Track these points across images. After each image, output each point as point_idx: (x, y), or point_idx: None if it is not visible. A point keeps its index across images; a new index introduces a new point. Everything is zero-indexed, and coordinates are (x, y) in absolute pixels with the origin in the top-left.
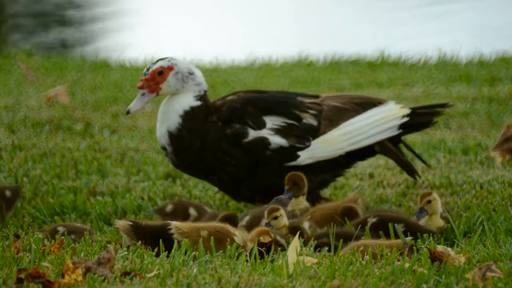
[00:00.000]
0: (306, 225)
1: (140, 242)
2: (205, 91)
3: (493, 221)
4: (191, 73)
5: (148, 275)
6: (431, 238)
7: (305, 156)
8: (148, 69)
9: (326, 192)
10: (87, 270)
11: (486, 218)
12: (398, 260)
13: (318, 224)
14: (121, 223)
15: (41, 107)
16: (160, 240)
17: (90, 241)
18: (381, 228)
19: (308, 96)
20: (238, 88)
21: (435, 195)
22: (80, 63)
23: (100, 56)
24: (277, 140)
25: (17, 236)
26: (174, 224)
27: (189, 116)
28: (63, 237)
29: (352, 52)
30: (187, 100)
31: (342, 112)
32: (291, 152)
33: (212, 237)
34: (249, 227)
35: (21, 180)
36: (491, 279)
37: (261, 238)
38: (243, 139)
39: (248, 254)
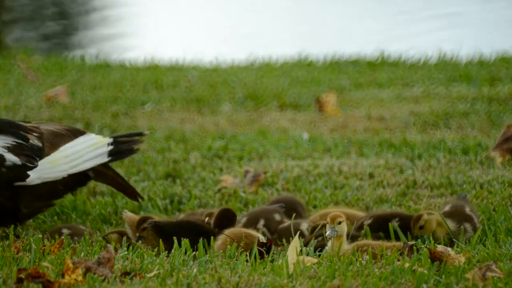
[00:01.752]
0: (304, 225)
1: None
2: None
3: (493, 221)
4: None
5: (148, 275)
6: (431, 237)
7: (35, 176)
8: None
9: (326, 191)
10: (87, 270)
11: (486, 218)
12: (398, 260)
13: None
14: (128, 214)
15: (41, 107)
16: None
17: (90, 241)
18: (379, 226)
19: (22, 122)
20: (238, 88)
21: (425, 216)
22: (80, 63)
23: (100, 56)
24: (11, 158)
25: (17, 236)
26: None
27: None
28: (63, 237)
29: (352, 52)
30: None
31: (59, 136)
32: (23, 171)
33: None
34: (247, 227)
35: None
36: (491, 279)
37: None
38: None
39: (248, 254)
